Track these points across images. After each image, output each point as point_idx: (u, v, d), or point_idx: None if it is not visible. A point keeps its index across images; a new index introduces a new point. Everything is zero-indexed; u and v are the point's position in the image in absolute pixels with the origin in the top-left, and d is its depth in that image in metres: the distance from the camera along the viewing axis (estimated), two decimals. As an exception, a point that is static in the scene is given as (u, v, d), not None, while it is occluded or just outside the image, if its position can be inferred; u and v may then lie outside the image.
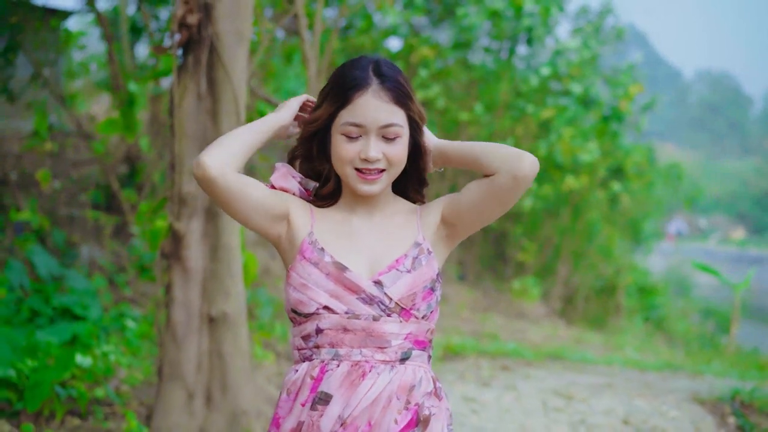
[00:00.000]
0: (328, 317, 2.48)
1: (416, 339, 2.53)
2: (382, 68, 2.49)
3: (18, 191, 11.34)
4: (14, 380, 5.73)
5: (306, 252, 2.52)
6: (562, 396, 7.59)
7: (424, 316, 2.53)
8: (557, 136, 15.24)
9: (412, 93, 2.53)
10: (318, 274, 2.48)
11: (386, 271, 2.50)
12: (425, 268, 2.52)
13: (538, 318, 15.13)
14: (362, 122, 2.46)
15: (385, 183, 2.55)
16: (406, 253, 2.53)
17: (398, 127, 2.48)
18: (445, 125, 15.72)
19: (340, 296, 2.47)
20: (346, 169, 2.51)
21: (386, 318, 2.47)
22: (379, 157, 2.47)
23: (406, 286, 2.48)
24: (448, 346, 9.77)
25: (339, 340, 2.47)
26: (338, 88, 2.49)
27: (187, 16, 4.80)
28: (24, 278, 7.75)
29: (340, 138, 2.49)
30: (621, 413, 6.99)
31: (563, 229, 17.39)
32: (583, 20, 18.10)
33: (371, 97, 2.44)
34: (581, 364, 9.72)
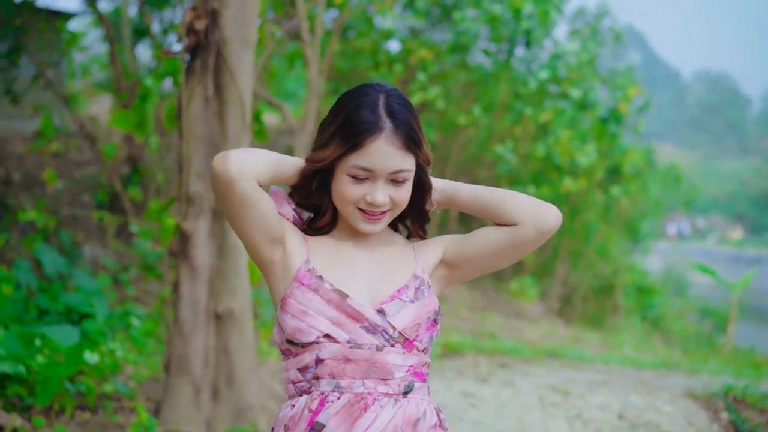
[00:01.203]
0: (329, 346, 2.36)
1: (416, 371, 2.43)
2: (393, 108, 2.36)
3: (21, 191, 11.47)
4: (24, 376, 5.89)
5: (304, 279, 2.41)
6: (559, 392, 7.74)
7: (425, 349, 2.45)
8: (555, 138, 15.35)
9: (422, 135, 2.42)
10: (319, 301, 2.37)
11: (388, 300, 2.41)
12: (428, 299, 2.45)
13: (537, 317, 15.25)
14: (373, 168, 2.34)
15: (387, 222, 2.46)
16: (407, 284, 2.45)
17: (408, 172, 2.38)
18: (444, 127, 15.84)
19: (342, 324, 2.36)
20: (348, 208, 2.41)
21: (390, 348, 2.38)
22: (386, 201, 2.37)
23: (411, 316, 2.40)
24: (447, 344, 9.90)
25: (340, 370, 2.36)
26: (349, 130, 2.34)
27: (195, 22, 4.96)
28: (31, 277, 7.89)
29: (346, 179, 2.37)
30: (616, 408, 7.15)
31: (561, 230, 17.50)
32: (581, 22, 18.21)
33: (384, 143, 2.33)
34: (579, 362, 9.86)
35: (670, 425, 6.63)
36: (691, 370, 9.95)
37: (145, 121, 7.66)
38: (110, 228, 11.16)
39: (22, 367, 5.89)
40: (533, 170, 16.50)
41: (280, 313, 2.42)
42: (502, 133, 16.19)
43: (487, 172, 16.85)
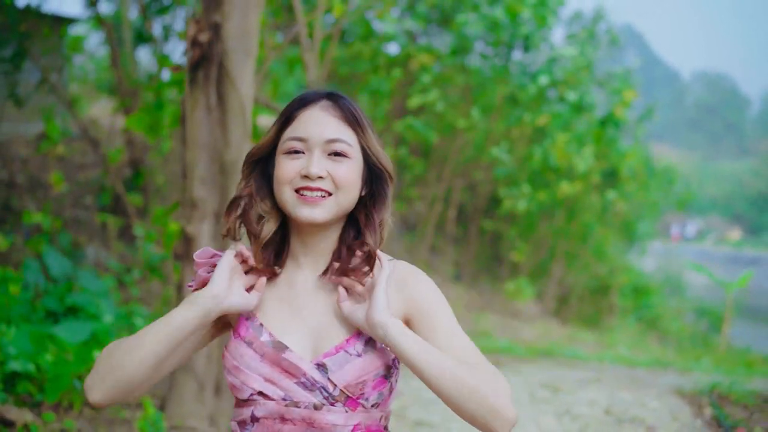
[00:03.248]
0: (264, 404, 2.12)
1: (368, 429, 2.15)
2: (335, 92, 2.20)
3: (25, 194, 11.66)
4: (34, 374, 6.13)
5: (241, 329, 2.18)
6: (550, 388, 7.97)
7: (374, 405, 2.15)
8: (552, 142, 15.51)
9: (368, 125, 2.19)
10: (251, 356, 2.12)
11: (333, 352, 2.11)
12: (379, 352, 2.13)
13: (533, 317, 15.42)
14: (304, 135, 2.12)
15: (332, 210, 2.14)
16: (359, 332, 2.14)
17: (346, 144, 2.13)
18: (442, 129, 16.01)
19: (276, 381, 2.11)
20: (285, 192, 2.13)
21: (329, 407, 2.10)
22: (322, 173, 2.10)
23: (354, 373, 2.10)
24: (443, 343, 10.10)
25: (276, 431, 2.11)
26: (285, 110, 2.20)
27: (198, 34, 5.18)
28: (39, 278, 8.11)
29: (282, 158, 2.14)
30: (604, 404, 7.38)
31: (557, 231, 17.70)
32: (577, 26, 18.39)
33: (317, 110, 2.15)
34: (572, 361, 10.06)
35: (655, 420, 6.86)
36: (684, 369, 10.14)
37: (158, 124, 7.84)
38: (113, 230, 11.34)
39: (32, 365, 6.14)
40: (530, 172, 16.68)
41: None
42: (499, 135, 16.37)
43: (484, 174, 17.04)
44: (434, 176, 16.83)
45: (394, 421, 6.71)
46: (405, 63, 15.78)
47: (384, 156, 2.21)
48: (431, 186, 16.77)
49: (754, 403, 7.29)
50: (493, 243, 18.71)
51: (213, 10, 5.20)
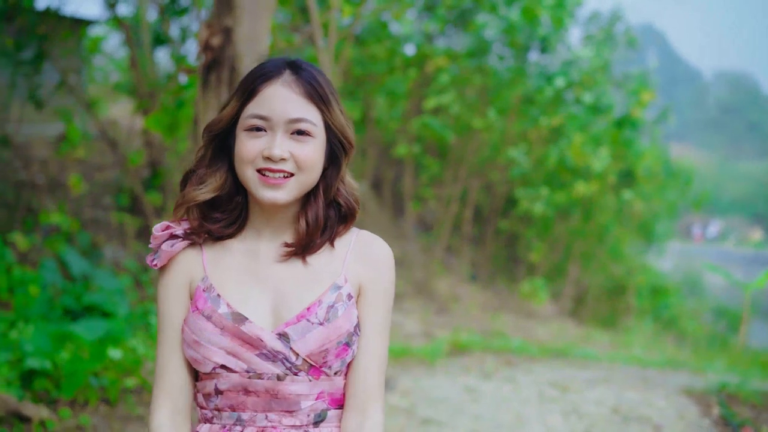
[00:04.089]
0: (227, 377, 2.10)
1: (332, 397, 2.16)
2: (298, 62, 2.14)
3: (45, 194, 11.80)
4: (51, 371, 6.26)
5: (199, 301, 2.13)
6: (558, 388, 8.04)
7: (337, 372, 2.16)
8: (568, 142, 15.54)
9: (333, 97, 2.15)
10: (211, 330, 2.09)
11: (294, 321, 2.09)
12: (341, 320, 2.11)
13: (549, 318, 15.44)
14: (267, 114, 2.07)
15: (294, 191, 2.11)
16: (321, 299, 2.12)
17: (310, 123, 2.08)
18: (459, 129, 16.06)
19: (237, 353, 2.08)
20: (247, 171, 2.09)
21: (293, 377, 2.09)
22: (284, 155, 2.06)
23: (317, 342, 2.08)
24: (456, 343, 10.16)
25: (240, 402, 2.11)
26: (246, 81, 2.13)
27: (210, 38, 5.28)
28: (57, 277, 8.24)
29: (244, 135, 2.09)
30: (611, 403, 7.45)
31: (574, 231, 17.72)
32: (595, 27, 18.39)
33: (280, 86, 2.08)
34: (584, 361, 10.10)
35: (661, 419, 6.92)
36: (697, 370, 10.16)
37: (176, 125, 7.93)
38: (131, 230, 11.46)
39: (49, 362, 6.26)
40: (546, 173, 16.70)
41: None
42: (516, 136, 16.41)
43: (501, 174, 17.08)
44: (450, 176, 16.89)
45: (402, 419, 6.81)
46: (421, 64, 15.85)
47: (347, 128, 2.18)
48: (447, 186, 16.83)
49: (762, 403, 7.35)
50: (510, 243, 18.76)
51: (225, 14, 5.30)
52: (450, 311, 13.57)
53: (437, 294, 14.48)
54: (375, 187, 17.69)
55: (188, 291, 2.19)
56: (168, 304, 2.20)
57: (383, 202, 17.48)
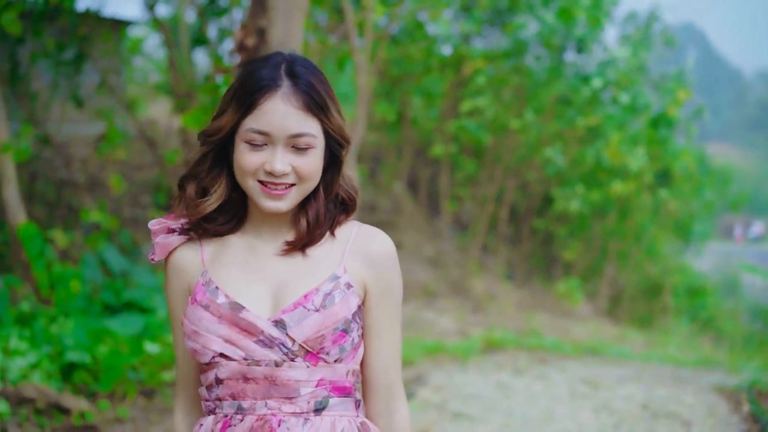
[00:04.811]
0: (226, 365, 2.12)
1: (334, 385, 2.17)
2: (295, 67, 2.13)
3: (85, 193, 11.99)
4: (90, 365, 6.42)
5: (198, 294, 2.17)
6: (589, 384, 8.08)
7: (337, 360, 2.16)
8: (604, 142, 15.51)
9: (331, 101, 2.16)
10: (209, 319, 2.12)
11: (291, 308, 2.12)
12: (338, 307, 2.13)
13: (584, 317, 15.42)
14: (268, 130, 2.08)
15: (296, 199, 2.15)
16: (318, 287, 2.15)
17: (310, 137, 2.10)
18: (495, 130, 16.08)
19: (235, 341, 2.11)
20: (248, 181, 2.13)
21: (290, 363, 2.11)
22: (286, 170, 2.09)
23: (313, 327, 2.10)
24: (489, 340, 10.22)
25: (240, 390, 2.13)
26: (243, 90, 2.12)
27: (245, 39, 5.40)
28: (97, 273, 8.40)
29: (244, 146, 2.11)
30: (641, 399, 7.48)
31: (610, 231, 17.69)
32: (632, 26, 18.32)
33: (280, 101, 2.08)
34: (618, 359, 10.11)
35: (691, 415, 6.95)
36: (732, 369, 10.12)
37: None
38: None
39: (88, 356, 6.42)
40: (583, 172, 16.68)
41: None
42: (552, 136, 16.39)
43: (537, 174, 17.09)
44: (486, 176, 16.92)
45: (434, 414, 6.89)
46: (458, 65, 15.89)
47: (345, 128, 2.19)
48: (483, 185, 16.86)
49: (793, 400, 7.35)
50: (546, 243, 18.74)
51: (259, 15, 5.41)
52: (485, 310, 13.62)
53: (473, 293, 14.52)
54: (411, 187, 17.77)
55: (187, 289, 2.24)
56: (173, 303, 2.27)
57: (419, 202, 17.55)
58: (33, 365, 6.34)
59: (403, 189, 17.26)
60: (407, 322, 10.93)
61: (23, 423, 5.71)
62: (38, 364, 6.37)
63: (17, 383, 6.07)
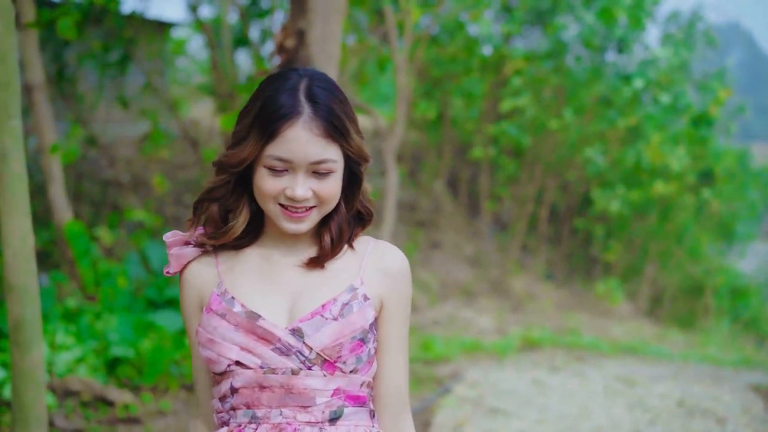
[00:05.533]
0: (241, 374, 2.12)
1: (348, 394, 2.16)
2: (315, 92, 2.11)
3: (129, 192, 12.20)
4: (134, 359, 6.59)
5: (213, 304, 2.17)
6: (625, 382, 8.13)
7: (353, 370, 2.16)
8: (646, 142, 15.46)
9: (352, 124, 2.16)
10: (226, 327, 2.13)
11: (308, 317, 2.12)
12: (355, 316, 2.14)
13: (625, 317, 15.38)
14: (290, 158, 2.08)
15: (316, 220, 2.18)
16: (336, 297, 2.16)
17: (331, 162, 2.11)
18: (535, 130, 16.09)
19: (252, 349, 2.11)
20: (269, 205, 2.14)
21: (307, 371, 2.11)
22: (307, 196, 2.11)
23: (331, 336, 2.11)
24: (527, 339, 10.26)
25: (255, 399, 2.12)
26: (264, 118, 2.09)
27: (285, 41, 5.51)
28: (140, 271, 8.58)
29: (265, 171, 2.11)
30: (677, 397, 7.52)
31: (650, 231, 17.63)
32: (674, 26, 18.22)
33: (301, 130, 2.07)
34: (656, 358, 10.11)
35: (726, 413, 6.98)
36: (774, 369, 10.10)
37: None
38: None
39: (132, 350, 6.60)
40: (624, 172, 16.64)
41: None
42: (593, 136, 16.36)
43: (577, 173, 17.08)
44: (526, 176, 16.93)
45: (470, 409, 6.98)
46: (498, 65, 15.92)
47: (364, 147, 2.19)
48: (523, 185, 16.88)
49: (831, 399, 7.36)
50: (586, 243, 18.71)
51: (298, 17, 5.53)
52: (524, 309, 13.65)
53: (512, 292, 14.55)
54: (450, 186, 17.82)
55: (200, 302, 2.24)
56: (188, 315, 2.27)
57: (459, 201, 17.60)
58: (79, 359, 6.53)
59: (443, 188, 17.32)
60: (446, 321, 11.02)
61: (69, 414, 5.89)
62: (84, 359, 6.56)
63: (64, 376, 6.25)
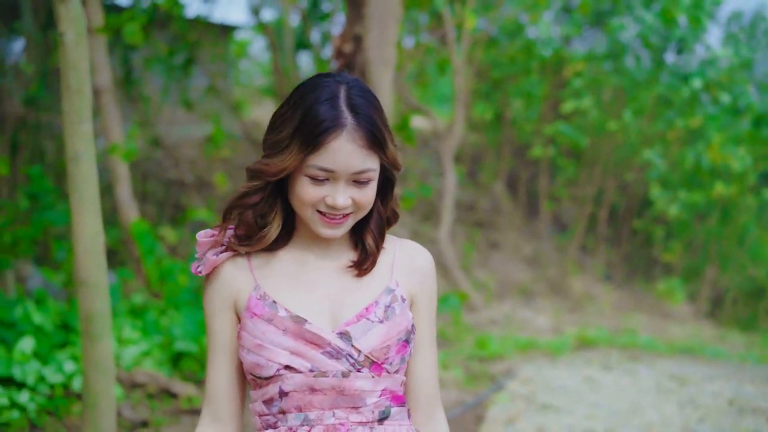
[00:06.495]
0: (292, 378, 2.13)
1: (394, 394, 2.22)
2: (355, 102, 2.12)
3: (193, 192, 12.48)
4: (197, 353, 6.83)
5: (256, 308, 2.19)
6: (677, 380, 8.18)
7: (397, 370, 2.22)
8: (706, 144, 15.37)
9: (387, 132, 2.17)
10: (274, 332, 2.15)
11: (354, 321, 2.17)
12: (399, 318, 2.20)
13: (684, 318, 15.31)
14: (333, 168, 2.10)
15: (351, 225, 2.22)
16: (377, 300, 2.21)
17: (372, 172, 2.15)
18: (594, 131, 16.07)
19: (302, 353, 2.13)
20: (307, 211, 2.16)
21: (357, 373, 2.15)
22: (347, 204, 2.14)
23: (378, 338, 2.16)
24: (582, 338, 10.30)
25: (307, 402, 2.14)
26: (308, 130, 2.09)
27: (342, 45, 5.70)
28: (203, 268, 8.82)
29: (305, 179, 2.13)
30: (729, 395, 7.55)
31: (711, 232, 17.51)
32: (736, 26, 18.08)
33: (345, 142, 2.09)
34: (712, 359, 10.09)
35: (777, 411, 7.03)
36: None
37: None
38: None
39: (195, 345, 6.83)
40: (684, 174, 16.53)
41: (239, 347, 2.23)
42: (653, 137, 16.30)
43: (636, 175, 17.04)
44: (585, 176, 16.92)
45: (521, 404, 7.11)
46: (557, 66, 15.96)
47: (397, 156, 2.22)
48: (582, 186, 16.88)
49: None
50: (645, 243, 18.62)
51: (355, 23, 5.71)
52: (582, 310, 13.68)
53: (571, 293, 14.59)
54: (510, 187, 17.88)
55: (233, 303, 2.25)
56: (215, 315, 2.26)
57: (518, 202, 17.66)
58: (144, 353, 6.78)
59: (503, 189, 17.40)
60: (503, 320, 11.11)
61: (136, 406, 6.13)
62: (149, 353, 6.81)
63: (130, 369, 6.50)
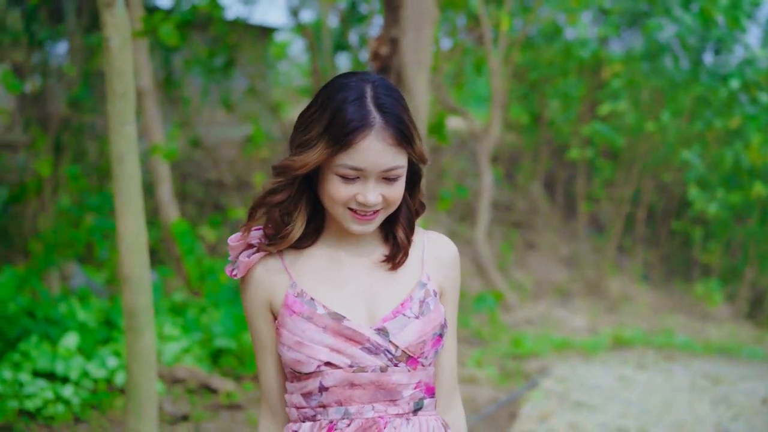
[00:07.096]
0: (332, 373, 2.19)
1: (427, 386, 2.29)
2: (383, 101, 2.16)
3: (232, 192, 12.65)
4: (236, 350, 6.98)
5: (294, 306, 2.22)
6: (711, 379, 8.20)
7: (431, 363, 2.29)
8: (744, 144, 15.28)
9: (414, 128, 2.21)
10: (314, 329, 2.19)
11: (391, 317, 2.22)
12: (434, 313, 2.26)
13: (723, 319, 15.23)
14: (363, 167, 2.13)
15: (381, 221, 2.25)
16: (411, 295, 2.26)
17: (401, 168, 2.18)
18: (631, 132, 16.05)
19: (341, 349, 2.19)
20: (338, 209, 2.20)
21: (394, 368, 2.21)
22: (378, 201, 2.16)
23: (415, 334, 2.22)
24: (618, 338, 10.31)
25: (347, 397, 2.21)
26: (337, 129, 2.12)
27: (379, 48, 5.81)
28: (242, 266, 8.97)
29: (335, 178, 2.16)
30: (762, 394, 7.55)
31: (750, 233, 17.41)
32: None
33: (374, 140, 2.12)
34: (748, 359, 10.07)
35: (813, 411, 7.04)
36: None
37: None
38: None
39: (235, 342, 6.98)
40: (723, 174, 16.46)
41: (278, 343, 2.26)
42: (691, 137, 16.25)
43: (674, 175, 17.00)
44: (623, 177, 16.90)
45: (555, 402, 7.19)
46: (595, 67, 15.96)
47: (423, 150, 2.25)
48: (620, 187, 16.86)
49: None
50: (684, 244, 18.56)
51: (392, 26, 5.81)
52: (619, 310, 13.68)
53: (608, 293, 14.59)
54: (547, 188, 17.91)
55: (268, 303, 2.28)
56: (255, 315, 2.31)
57: (555, 202, 17.68)
58: (185, 350, 6.93)
59: (540, 190, 17.43)
60: (539, 320, 11.15)
61: (177, 400, 6.28)
62: (189, 349, 6.96)
63: (171, 365, 6.65)
